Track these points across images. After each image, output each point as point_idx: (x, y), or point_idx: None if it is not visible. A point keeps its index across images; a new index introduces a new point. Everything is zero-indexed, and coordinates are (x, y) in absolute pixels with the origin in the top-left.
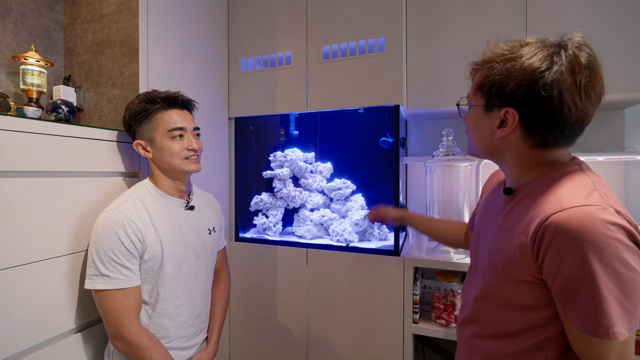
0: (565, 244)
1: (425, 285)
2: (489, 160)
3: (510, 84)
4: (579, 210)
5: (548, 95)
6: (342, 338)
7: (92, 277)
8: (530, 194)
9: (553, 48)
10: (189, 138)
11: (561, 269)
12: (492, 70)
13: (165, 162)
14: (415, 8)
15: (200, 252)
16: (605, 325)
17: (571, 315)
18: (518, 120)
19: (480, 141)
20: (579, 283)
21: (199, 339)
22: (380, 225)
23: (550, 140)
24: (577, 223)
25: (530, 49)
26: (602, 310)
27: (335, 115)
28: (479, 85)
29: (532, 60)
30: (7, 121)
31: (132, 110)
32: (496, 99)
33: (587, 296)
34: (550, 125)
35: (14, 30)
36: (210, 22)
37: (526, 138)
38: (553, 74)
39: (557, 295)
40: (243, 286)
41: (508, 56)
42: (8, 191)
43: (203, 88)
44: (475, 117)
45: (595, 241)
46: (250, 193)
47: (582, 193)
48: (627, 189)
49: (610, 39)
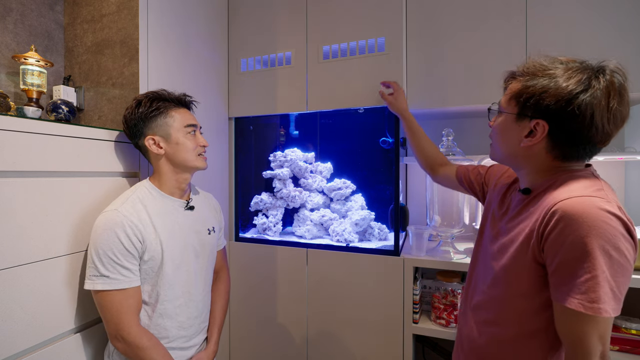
0: (568, 226)
1: (425, 285)
2: (491, 161)
3: (548, 98)
4: (585, 199)
5: (581, 115)
6: (342, 338)
7: (92, 278)
8: (545, 191)
9: (591, 71)
10: (199, 135)
11: (562, 248)
12: (531, 82)
13: (180, 158)
14: (415, 8)
15: (200, 252)
16: (594, 299)
17: (563, 292)
18: (547, 133)
19: (505, 147)
20: (577, 261)
21: (199, 339)
22: (387, 88)
23: (573, 155)
24: (581, 209)
25: (571, 69)
26: (594, 287)
27: (335, 115)
28: (515, 94)
29: (572, 81)
30: (7, 121)
31: (145, 107)
32: (529, 110)
33: (584, 273)
34: (576, 142)
35: (14, 30)
36: (210, 22)
37: (550, 150)
38: (589, 96)
39: (553, 275)
40: (243, 286)
41: (550, 72)
42: (8, 191)
43: (203, 88)
44: (504, 123)
45: (595, 226)
46: (250, 193)
47: (591, 189)
48: (627, 189)
49: (610, 39)
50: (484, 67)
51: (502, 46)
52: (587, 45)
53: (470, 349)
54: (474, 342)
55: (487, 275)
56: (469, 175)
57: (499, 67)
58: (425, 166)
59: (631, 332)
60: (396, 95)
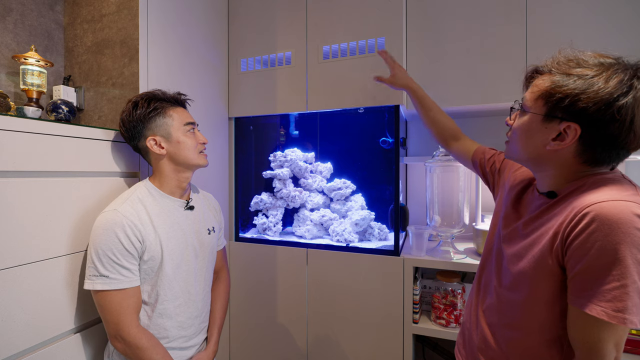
0: (600, 229)
1: (425, 285)
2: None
3: (585, 101)
4: (619, 203)
5: (620, 119)
6: (342, 338)
7: (92, 278)
8: (572, 194)
9: (631, 71)
10: (198, 132)
11: (589, 252)
12: (564, 82)
13: (182, 157)
14: (415, 8)
15: (200, 252)
16: (620, 309)
17: (583, 298)
18: (578, 137)
19: (528, 149)
20: (606, 267)
21: (198, 339)
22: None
23: (604, 160)
24: (617, 213)
25: (609, 68)
26: (621, 296)
27: (335, 115)
28: (545, 94)
29: (612, 82)
30: (7, 121)
31: (142, 108)
32: (560, 112)
33: (612, 280)
34: (611, 147)
35: (14, 30)
36: (210, 22)
37: (580, 154)
38: (631, 99)
39: (575, 278)
40: (243, 286)
41: (586, 71)
42: (8, 191)
43: (203, 88)
44: (529, 124)
45: (629, 233)
46: (250, 193)
47: (625, 193)
48: None
49: (610, 39)
50: (484, 67)
51: (503, 46)
52: (587, 45)
53: (480, 350)
54: (486, 344)
55: (503, 278)
56: (484, 165)
57: (499, 67)
58: (438, 139)
59: (631, 332)
60: (394, 72)
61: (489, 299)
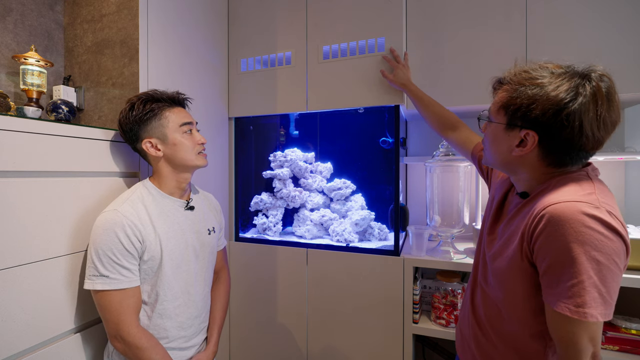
0: (554, 231)
1: (425, 285)
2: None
3: (536, 110)
4: (572, 204)
5: (570, 125)
6: (342, 338)
7: (92, 278)
8: (539, 194)
9: (578, 79)
10: (196, 133)
11: (549, 253)
12: (519, 92)
13: (179, 158)
14: (415, 8)
15: (200, 253)
16: (580, 304)
17: (552, 295)
18: (537, 143)
19: (498, 155)
20: (564, 266)
21: (198, 339)
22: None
23: (567, 161)
24: (567, 215)
25: (558, 77)
26: (580, 292)
27: (335, 115)
28: (503, 105)
29: (559, 90)
30: (7, 121)
31: (138, 110)
32: (519, 121)
33: (569, 278)
34: (568, 150)
35: (14, 30)
36: (210, 22)
37: (543, 158)
38: (577, 105)
39: (543, 277)
40: (243, 286)
41: (537, 81)
42: (8, 191)
43: (203, 88)
44: (495, 133)
45: (580, 231)
46: (250, 193)
47: (581, 193)
48: (627, 189)
49: (610, 40)
50: (484, 67)
51: (503, 46)
52: (587, 45)
53: (473, 347)
54: (476, 338)
55: (487, 275)
56: (482, 162)
57: (500, 67)
58: (437, 130)
59: (631, 332)
60: (395, 71)
61: (478, 294)
